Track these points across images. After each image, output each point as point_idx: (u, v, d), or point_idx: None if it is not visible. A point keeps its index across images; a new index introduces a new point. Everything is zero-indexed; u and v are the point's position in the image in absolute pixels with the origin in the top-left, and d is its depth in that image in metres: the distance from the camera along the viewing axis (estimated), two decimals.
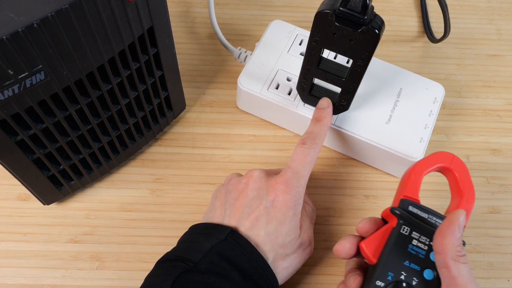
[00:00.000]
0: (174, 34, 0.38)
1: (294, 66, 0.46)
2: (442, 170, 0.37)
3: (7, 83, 0.28)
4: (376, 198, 0.45)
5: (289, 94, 0.45)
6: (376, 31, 0.34)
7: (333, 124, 0.44)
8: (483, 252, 0.43)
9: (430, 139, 0.46)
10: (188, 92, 0.49)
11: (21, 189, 0.44)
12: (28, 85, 0.30)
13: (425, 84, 0.46)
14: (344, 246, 0.34)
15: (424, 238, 0.33)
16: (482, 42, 0.55)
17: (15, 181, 0.38)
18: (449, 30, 0.50)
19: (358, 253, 0.35)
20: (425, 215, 0.34)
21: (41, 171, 0.38)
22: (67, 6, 0.27)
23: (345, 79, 0.39)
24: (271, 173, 0.39)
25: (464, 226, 0.33)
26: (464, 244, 0.33)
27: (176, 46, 0.40)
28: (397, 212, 0.34)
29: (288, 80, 0.46)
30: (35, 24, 0.27)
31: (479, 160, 0.48)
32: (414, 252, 0.33)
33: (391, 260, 0.33)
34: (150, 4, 0.33)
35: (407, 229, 0.34)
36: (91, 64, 0.32)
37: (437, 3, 0.51)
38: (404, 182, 0.36)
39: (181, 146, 0.47)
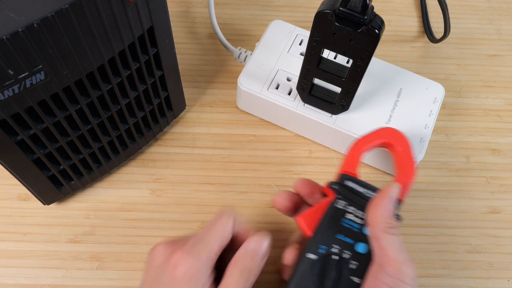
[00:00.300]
0: (174, 34, 0.38)
1: (294, 66, 0.46)
2: (385, 146, 0.37)
3: (7, 83, 0.28)
4: None
5: (289, 94, 0.45)
6: (376, 31, 0.34)
7: (333, 124, 0.44)
8: (483, 252, 0.43)
9: (430, 139, 0.46)
10: (188, 92, 0.49)
11: (21, 189, 0.44)
12: (28, 85, 0.30)
13: (425, 84, 0.46)
14: (282, 200, 0.36)
15: (359, 212, 0.34)
16: (482, 42, 0.55)
17: (15, 181, 0.38)
18: (449, 30, 0.50)
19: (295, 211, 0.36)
20: (362, 190, 0.34)
21: (41, 171, 0.38)
22: (67, 6, 0.27)
23: (345, 79, 0.39)
24: (186, 240, 0.33)
25: (401, 200, 0.34)
26: (399, 218, 0.33)
27: (176, 46, 0.40)
28: (335, 186, 0.34)
29: (288, 80, 0.46)
30: (35, 24, 0.27)
31: (479, 160, 0.48)
32: (348, 226, 0.33)
33: (324, 233, 0.33)
34: (150, 4, 0.33)
35: (343, 203, 0.34)
36: (91, 64, 0.32)
37: (437, 3, 0.51)
38: (345, 157, 0.37)
39: (181, 146, 0.47)
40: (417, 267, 0.42)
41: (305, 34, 0.48)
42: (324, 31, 0.36)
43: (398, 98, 0.45)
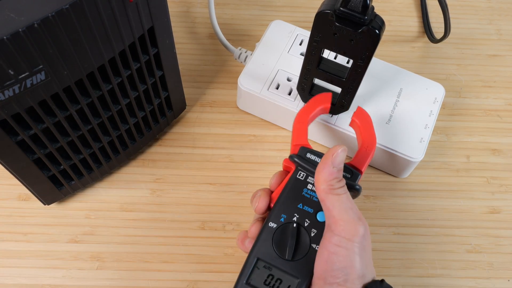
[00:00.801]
0: (174, 34, 0.38)
1: (294, 66, 0.46)
2: (326, 111, 0.40)
3: (7, 83, 0.28)
4: (376, 198, 0.45)
5: (289, 94, 0.45)
6: (377, 31, 0.34)
7: (333, 124, 0.44)
8: (483, 252, 0.43)
9: (430, 139, 0.46)
10: (188, 92, 0.49)
11: (21, 189, 0.44)
12: (28, 85, 0.30)
13: (425, 84, 0.46)
14: (263, 205, 0.36)
15: None
16: (482, 42, 0.55)
17: (15, 181, 0.38)
18: (450, 30, 0.50)
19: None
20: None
21: (41, 171, 0.38)
22: (67, 6, 0.27)
23: (346, 79, 0.39)
24: None
25: (361, 171, 0.36)
26: (358, 188, 0.35)
27: (176, 46, 0.40)
28: (295, 159, 0.36)
29: (288, 80, 0.46)
30: (35, 24, 0.27)
31: (479, 160, 0.48)
32: (308, 196, 0.35)
33: (286, 203, 0.35)
34: (150, 4, 0.33)
35: (303, 174, 0.35)
36: (92, 64, 0.32)
37: (437, 3, 0.51)
38: (293, 132, 0.38)
39: (181, 146, 0.47)
40: (417, 267, 0.43)
41: (305, 34, 0.48)
42: (324, 31, 0.36)
43: (398, 98, 0.45)
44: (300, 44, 0.48)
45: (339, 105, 0.42)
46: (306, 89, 0.43)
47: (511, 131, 0.49)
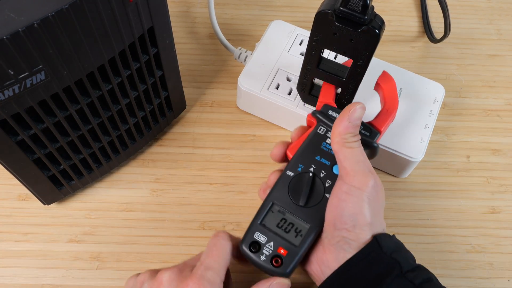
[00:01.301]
0: (174, 34, 0.38)
1: (294, 66, 0.46)
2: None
3: (7, 83, 0.28)
4: None
5: (289, 94, 0.45)
6: (377, 31, 0.34)
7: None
8: (483, 252, 0.43)
9: (430, 139, 0.46)
10: (188, 92, 0.49)
11: (21, 189, 0.44)
12: (28, 85, 0.30)
13: (425, 84, 0.46)
14: (278, 152, 0.38)
15: None
16: (482, 42, 0.55)
17: (15, 181, 0.38)
18: (449, 30, 0.50)
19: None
20: None
21: (41, 171, 0.38)
22: (67, 6, 0.27)
23: (345, 79, 0.39)
24: (185, 268, 0.34)
25: (381, 131, 0.37)
26: (376, 146, 0.37)
27: (176, 46, 0.40)
28: (317, 115, 0.38)
29: (288, 80, 0.46)
30: (35, 24, 0.27)
31: (479, 160, 0.48)
32: (326, 150, 0.37)
33: (304, 155, 0.37)
34: (150, 4, 0.33)
35: (323, 129, 0.37)
36: (91, 64, 0.32)
37: (437, 3, 0.51)
38: (321, 91, 0.40)
39: (181, 146, 0.47)
40: None
41: (305, 34, 0.48)
42: (324, 31, 0.36)
43: (398, 98, 0.45)
44: (300, 44, 0.48)
45: (339, 104, 0.42)
46: (306, 89, 0.43)
47: (511, 131, 0.49)
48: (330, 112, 0.38)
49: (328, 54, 0.45)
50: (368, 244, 0.32)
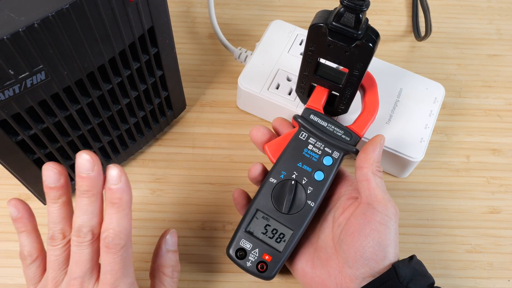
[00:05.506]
0: (174, 34, 0.38)
1: (294, 66, 0.46)
2: None
3: (7, 83, 0.28)
4: None
5: (289, 94, 0.45)
6: (370, 45, 0.33)
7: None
8: (483, 252, 0.43)
9: (430, 139, 0.46)
10: (188, 92, 0.49)
11: (21, 189, 0.43)
12: (28, 85, 0.30)
13: (425, 84, 0.46)
14: (257, 133, 0.39)
15: (319, 144, 0.38)
16: (482, 42, 0.55)
17: (15, 181, 0.38)
18: (431, 30, 0.51)
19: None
20: (324, 124, 0.38)
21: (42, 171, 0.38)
22: (67, 6, 0.27)
23: (342, 85, 0.39)
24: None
25: (360, 136, 0.38)
26: (356, 152, 0.37)
27: (176, 46, 0.40)
28: (298, 119, 0.38)
29: (288, 80, 0.46)
30: (35, 24, 0.27)
31: (479, 160, 0.48)
32: (308, 156, 0.38)
33: (287, 161, 0.38)
34: (150, 4, 0.33)
35: (305, 135, 0.38)
36: (92, 64, 0.32)
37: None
38: (312, 94, 0.40)
39: (181, 146, 0.47)
40: None
41: (305, 34, 0.48)
42: (318, 42, 0.35)
43: (398, 98, 0.45)
44: (300, 44, 0.48)
45: (338, 109, 0.42)
46: (305, 92, 0.43)
47: (511, 131, 0.49)
48: (312, 117, 0.38)
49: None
50: (386, 273, 0.33)
